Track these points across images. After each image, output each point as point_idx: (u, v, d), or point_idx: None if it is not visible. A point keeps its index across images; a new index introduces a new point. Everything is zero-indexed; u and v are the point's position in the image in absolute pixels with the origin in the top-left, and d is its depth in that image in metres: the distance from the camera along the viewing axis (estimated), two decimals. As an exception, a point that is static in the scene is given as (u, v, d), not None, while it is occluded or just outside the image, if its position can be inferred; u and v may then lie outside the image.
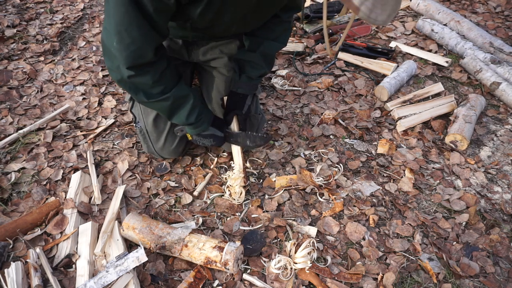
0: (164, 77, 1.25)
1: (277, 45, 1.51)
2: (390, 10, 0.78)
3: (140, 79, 1.20)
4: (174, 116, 1.37)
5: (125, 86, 1.24)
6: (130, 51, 1.11)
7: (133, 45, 1.10)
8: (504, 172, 1.77)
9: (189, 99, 1.34)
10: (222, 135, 1.52)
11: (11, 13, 2.69)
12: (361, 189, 1.64)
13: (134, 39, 1.08)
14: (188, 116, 1.36)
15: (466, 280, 1.34)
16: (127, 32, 1.07)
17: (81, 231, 1.37)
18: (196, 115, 1.37)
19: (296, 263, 1.31)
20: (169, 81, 1.28)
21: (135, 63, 1.14)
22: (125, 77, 1.17)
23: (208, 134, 1.47)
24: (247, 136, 1.53)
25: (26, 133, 1.79)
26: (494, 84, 2.15)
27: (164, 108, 1.33)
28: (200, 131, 1.45)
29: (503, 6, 2.95)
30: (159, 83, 1.23)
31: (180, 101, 1.32)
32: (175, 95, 1.29)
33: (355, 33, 2.61)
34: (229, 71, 1.57)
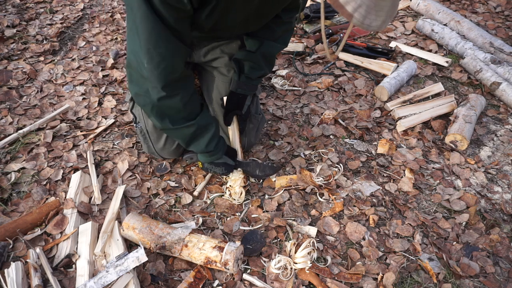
0: (192, 102, 1.25)
1: (278, 46, 1.50)
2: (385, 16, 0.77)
3: (170, 102, 1.19)
4: (193, 143, 1.37)
5: (152, 112, 1.23)
6: (161, 69, 1.10)
7: (163, 62, 1.09)
8: (504, 172, 1.77)
9: (211, 128, 1.36)
10: (233, 163, 1.53)
11: (11, 13, 2.69)
12: (361, 189, 1.64)
13: (164, 56, 1.07)
14: (208, 144, 1.37)
15: (466, 280, 1.34)
16: (156, 50, 1.06)
17: (81, 231, 1.37)
18: (215, 144, 1.39)
19: (296, 263, 1.31)
20: (195, 107, 1.29)
21: (168, 79, 1.13)
22: (155, 100, 1.16)
23: (220, 162, 1.48)
24: (257, 166, 1.58)
25: (26, 133, 1.79)
26: (494, 84, 2.15)
27: (185, 135, 1.33)
28: (214, 159, 1.46)
29: (503, 6, 2.95)
30: (186, 108, 1.23)
31: (203, 129, 1.33)
32: (199, 123, 1.30)
33: (355, 33, 2.61)
34: (229, 71, 1.57)
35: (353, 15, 0.74)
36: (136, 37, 1.06)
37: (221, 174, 1.56)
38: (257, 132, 1.70)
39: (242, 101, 1.54)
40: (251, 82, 1.52)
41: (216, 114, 1.63)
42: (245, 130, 1.63)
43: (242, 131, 1.62)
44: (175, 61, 1.12)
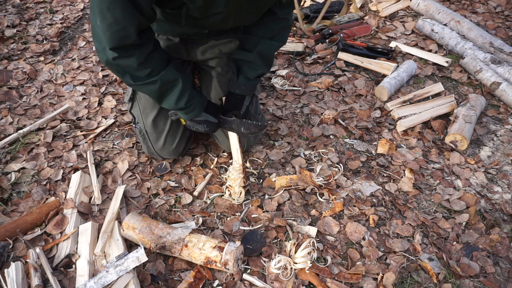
0: (151, 61, 1.23)
1: (275, 44, 1.49)
2: None
3: (125, 61, 1.18)
4: (163, 100, 1.35)
5: (112, 68, 1.22)
6: (112, 31, 1.09)
7: (116, 25, 1.08)
8: (504, 172, 1.77)
9: (177, 83, 1.32)
10: (215, 121, 1.49)
11: (11, 13, 2.69)
12: (361, 189, 1.64)
13: (117, 19, 1.07)
14: (177, 101, 1.34)
15: (466, 280, 1.34)
16: (109, 11, 1.05)
17: (81, 231, 1.37)
18: (186, 100, 1.35)
19: (296, 263, 1.31)
20: (157, 64, 1.26)
21: (119, 43, 1.12)
22: (110, 58, 1.15)
23: (201, 119, 1.44)
24: (241, 123, 1.50)
25: (26, 133, 1.79)
26: (494, 84, 2.15)
27: (152, 91, 1.31)
28: (193, 116, 1.42)
29: (503, 6, 2.95)
30: (144, 66, 1.22)
31: (169, 85, 1.30)
32: (163, 78, 1.27)
33: (355, 33, 2.60)
34: (228, 72, 1.57)
35: None
36: None
37: (204, 131, 1.51)
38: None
39: (241, 101, 1.54)
40: (249, 82, 1.52)
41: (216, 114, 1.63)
42: None
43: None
44: (128, 28, 1.11)
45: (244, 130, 1.50)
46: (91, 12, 1.11)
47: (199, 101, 1.42)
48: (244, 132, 1.51)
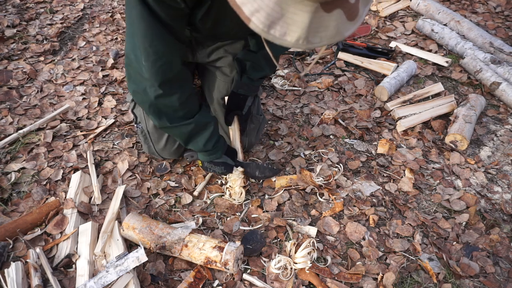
0: (190, 101, 1.26)
1: (280, 48, 1.49)
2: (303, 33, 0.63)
3: (167, 101, 1.20)
4: (191, 142, 1.38)
5: (150, 110, 1.24)
6: (158, 67, 1.11)
7: (160, 60, 1.10)
8: (504, 172, 1.77)
9: (209, 127, 1.35)
10: (233, 163, 1.53)
11: (11, 13, 2.69)
12: (361, 189, 1.64)
13: (160, 54, 1.08)
14: (206, 143, 1.37)
15: (466, 280, 1.34)
16: (152, 47, 1.06)
17: (81, 231, 1.37)
18: (214, 143, 1.39)
19: (296, 263, 1.31)
20: (193, 106, 1.29)
21: (165, 77, 1.14)
22: (152, 98, 1.17)
23: (220, 162, 1.48)
24: (257, 167, 1.58)
25: (26, 133, 1.79)
26: (494, 84, 2.15)
27: (183, 133, 1.33)
28: (214, 159, 1.46)
29: (503, 6, 2.95)
30: (184, 107, 1.24)
31: (201, 127, 1.34)
32: (197, 121, 1.30)
33: (355, 33, 2.60)
34: (232, 71, 1.57)
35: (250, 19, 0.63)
36: (133, 35, 1.07)
37: (220, 173, 1.56)
38: (258, 133, 1.70)
39: (243, 101, 1.54)
40: (252, 82, 1.52)
41: (217, 114, 1.63)
42: (245, 130, 1.63)
43: (243, 131, 1.62)
44: (172, 59, 1.13)
45: (258, 174, 1.58)
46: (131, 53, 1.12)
47: (223, 144, 1.46)
48: (259, 176, 1.59)
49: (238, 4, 0.63)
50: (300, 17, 0.61)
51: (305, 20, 0.62)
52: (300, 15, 0.61)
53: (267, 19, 0.62)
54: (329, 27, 0.64)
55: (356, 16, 0.65)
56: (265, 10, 0.62)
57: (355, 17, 0.65)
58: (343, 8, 0.62)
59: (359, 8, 0.65)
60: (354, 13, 0.65)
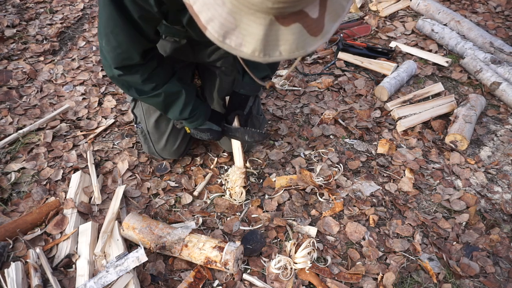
0: (155, 76, 1.27)
1: None
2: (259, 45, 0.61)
3: (130, 78, 1.22)
4: (169, 111, 1.39)
5: (117, 83, 1.27)
6: (116, 53, 1.14)
7: (119, 48, 1.12)
8: (504, 172, 1.77)
9: (180, 95, 1.35)
10: (219, 129, 1.52)
11: (11, 13, 2.69)
12: (361, 189, 1.63)
13: (120, 42, 1.10)
14: (181, 111, 1.38)
15: (466, 280, 1.34)
16: (113, 34, 1.09)
17: (81, 231, 1.37)
18: (190, 111, 1.39)
19: (296, 263, 1.31)
20: (161, 78, 1.30)
21: (122, 64, 1.17)
22: (116, 75, 1.20)
23: (205, 128, 1.48)
24: (245, 132, 1.53)
25: (26, 133, 1.79)
26: (494, 84, 2.15)
27: (157, 103, 1.35)
28: (197, 125, 1.46)
29: (503, 6, 2.95)
30: (149, 81, 1.26)
31: (172, 97, 1.34)
32: (166, 91, 1.31)
33: (355, 33, 2.60)
34: (232, 72, 1.57)
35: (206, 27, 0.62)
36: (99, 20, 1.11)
37: (207, 139, 1.54)
38: None
39: (245, 101, 1.54)
40: (254, 82, 1.52)
41: (220, 107, 1.63)
42: None
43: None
44: (131, 51, 1.15)
45: (248, 138, 1.54)
46: (98, 33, 1.16)
47: (203, 110, 1.45)
48: (248, 140, 1.55)
49: (196, 11, 0.61)
50: (255, 29, 0.59)
51: (259, 32, 0.59)
52: (254, 27, 0.59)
53: (221, 29, 0.61)
54: (289, 40, 0.61)
55: (321, 32, 0.62)
56: (218, 19, 0.60)
57: (318, 32, 0.62)
58: (302, 22, 0.59)
59: (324, 23, 0.62)
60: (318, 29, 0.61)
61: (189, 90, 1.39)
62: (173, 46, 1.52)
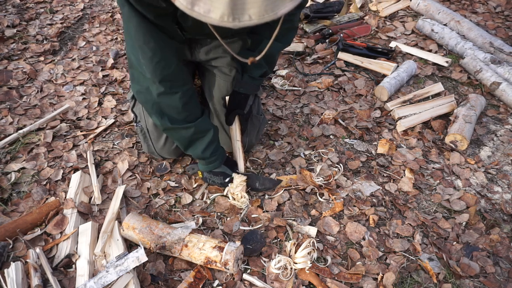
0: (191, 104, 1.28)
1: (279, 45, 1.49)
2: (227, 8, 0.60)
3: (169, 99, 1.22)
4: (191, 147, 1.40)
5: (153, 109, 1.26)
6: (154, 63, 1.13)
7: (155, 57, 1.12)
8: (504, 172, 1.77)
9: (209, 133, 1.38)
10: (232, 174, 1.54)
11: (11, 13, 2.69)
12: (361, 189, 1.64)
13: (154, 50, 1.11)
14: (204, 150, 1.39)
15: (466, 280, 1.34)
16: (146, 44, 1.09)
17: (81, 231, 1.37)
18: (212, 151, 1.41)
19: (296, 263, 1.31)
20: (195, 110, 1.31)
21: (163, 73, 1.16)
22: (155, 96, 1.19)
23: (219, 171, 1.50)
24: (257, 178, 1.58)
25: (26, 133, 1.79)
26: (494, 84, 2.15)
27: (184, 137, 1.36)
28: (212, 168, 1.48)
29: (503, 6, 2.95)
30: (185, 109, 1.26)
31: (201, 133, 1.36)
32: (198, 126, 1.33)
33: (355, 33, 2.60)
34: (231, 71, 1.57)
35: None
36: (128, 34, 1.10)
37: (219, 184, 1.56)
38: (258, 133, 1.70)
39: (245, 100, 1.54)
40: (254, 81, 1.52)
41: (218, 113, 1.63)
42: (246, 130, 1.63)
43: (243, 131, 1.62)
44: (167, 56, 1.15)
45: (258, 185, 1.57)
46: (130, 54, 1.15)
47: (222, 153, 1.48)
48: (259, 188, 1.58)
49: None
50: None
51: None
52: None
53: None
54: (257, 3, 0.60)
55: None
56: None
57: None
58: None
59: None
60: None
61: (216, 131, 1.41)
62: None
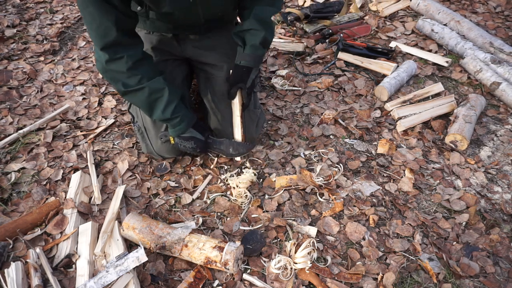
0: (140, 68, 1.31)
1: (269, 8, 1.49)
2: None
3: (115, 65, 1.27)
4: (153, 111, 1.41)
5: (106, 76, 1.32)
6: (94, 29, 1.19)
7: (94, 23, 1.18)
8: (504, 172, 1.77)
9: (165, 92, 1.37)
10: (203, 138, 1.51)
11: (11, 13, 2.69)
12: (361, 189, 1.64)
13: (92, 14, 1.16)
14: (164, 109, 1.38)
15: (466, 280, 1.34)
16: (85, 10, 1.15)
17: (81, 231, 1.37)
18: (172, 110, 1.39)
19: (296, 263, 1.31)
20: (146, 72, 1.33)
21: (104, 41, 1.21)
22: (104, 63, 1.25)
23: (188, 136, 1.47)
24: (230, 144, 1.55)
25: (26, 133, 1.79)
26: (494, 84, 2.15)
27: (142, 101, 1.37)
28: (179, 131, 1.45)
29: (503, 6, 2.95)
30: (134, 72, 1.29)
31: (157, 93, 1.36)
32: (151, 86, 1.34)
33: (355, 33, 2.60)
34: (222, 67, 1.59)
35: None
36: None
37: (192, 150, 1.51)
38: (257, 127, 1.70)
39: (247, 74, 1.51)
40: (255, 51, 1.48)
41: (215, 112, 1.62)
42: (248, 106, 1.60)
43: (245, 107, 1.57)
44: (105, 23, 1.18)
45: (232, 151, 1.55)
46: None
47: (186, 115, 1.45)
48: (233, 153, 1.56)
49: None
50: None
51: None
52: None
53: None
54: None
55: None
56: None
57: None
58: None
59: None
60: None
61: (173, 90, 1.40)
62: (159, 38, 1.57)
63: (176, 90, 1.43)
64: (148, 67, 1.35)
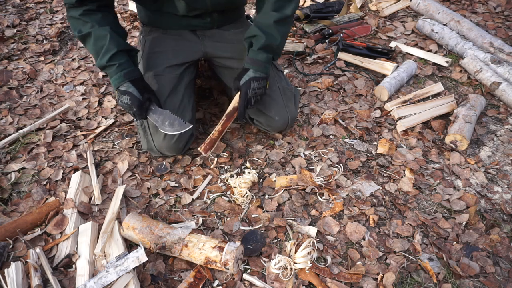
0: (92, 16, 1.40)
1: (273, 14, 1.50)
2: None
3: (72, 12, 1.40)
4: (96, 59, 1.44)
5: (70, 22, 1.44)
6: None
7: None
8: (504, 172, 1.77)
9: (106, 40, 1.40)
10: (140, 97, 1.44)
11: (11, 13, 2.69)
12: (361, 189, 1.64)
13: None
14: (102, 56, 1.41)
15: (466, 280, 1.34)
16: None
17: (81, 231, 1.37)
18: (109, 57, 1.40)
19: (296, 263, 1.31)
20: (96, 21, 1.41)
21: None
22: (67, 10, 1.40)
23: (124, 90, 1.43)
24: (168, 117, 1.47)
25: (26, 133, 1.79)
26: (494, 84, 2.15)
27: (91, 47, 1.43)
28: (117, 82, 1.42)
29: (503, 6, 2.95)
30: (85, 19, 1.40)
31: (101, 41, 1.41)
32: (95, 33, 1.40)
33: (355, 33, 2.60)
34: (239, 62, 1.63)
35: None
36: None
37: (128, 108, 1.46)
38: (295, 104, 1.77)
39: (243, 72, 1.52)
40: (256, 56, 1.50)
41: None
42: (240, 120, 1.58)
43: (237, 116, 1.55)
44: None
45: (168, 126, 1.48)
46: None
47: (126, 67, 1.43)
48: (167, 129, 1.48)
49: None
50: None
51: None
52: None
53: None
54: None
55: None
56: None
57: None
58: None
59: None
60: None
61: (117, 40, 1.43)
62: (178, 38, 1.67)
63: (121, 41, 1.45)
64: (99, 16, 1.42)
